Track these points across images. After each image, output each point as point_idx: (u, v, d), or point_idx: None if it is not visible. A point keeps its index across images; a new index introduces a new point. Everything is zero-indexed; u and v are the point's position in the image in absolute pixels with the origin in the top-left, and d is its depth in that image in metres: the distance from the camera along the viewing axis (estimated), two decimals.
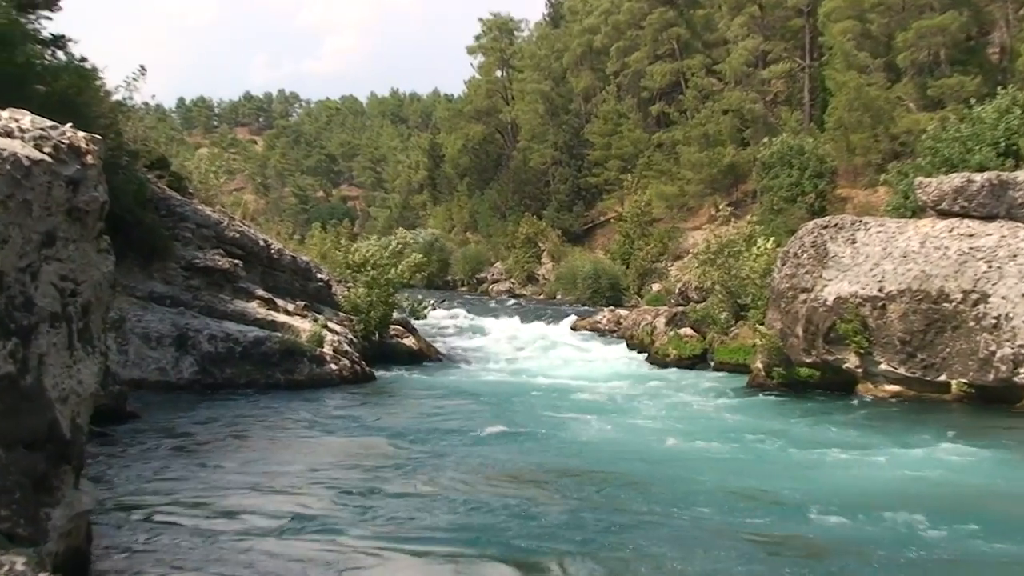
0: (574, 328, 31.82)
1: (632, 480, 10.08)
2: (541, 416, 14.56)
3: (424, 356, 22.78)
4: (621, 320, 30.19)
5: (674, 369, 21.89)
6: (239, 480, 9.61)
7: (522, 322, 32.77)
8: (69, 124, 5.86)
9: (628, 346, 26.08)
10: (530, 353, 25.28)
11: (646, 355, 24.07)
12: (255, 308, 18.91)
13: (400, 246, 23.28)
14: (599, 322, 31.67)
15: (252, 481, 9.57)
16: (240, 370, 16.95)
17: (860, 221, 18.29)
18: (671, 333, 23.81)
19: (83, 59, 16.80)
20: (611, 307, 36.62)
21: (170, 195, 19.84)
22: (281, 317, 19.05)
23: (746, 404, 16.69)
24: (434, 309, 29.86)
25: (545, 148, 64.06)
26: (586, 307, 42.05)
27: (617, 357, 24.39)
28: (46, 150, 5.50)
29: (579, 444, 12.31)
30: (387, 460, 10.87)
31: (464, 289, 59.13)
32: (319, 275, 22.69)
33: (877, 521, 8.59)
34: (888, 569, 7.28)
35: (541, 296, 51.66)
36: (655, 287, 39.87)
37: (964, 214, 17.11)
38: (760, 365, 18.60)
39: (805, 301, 17.55)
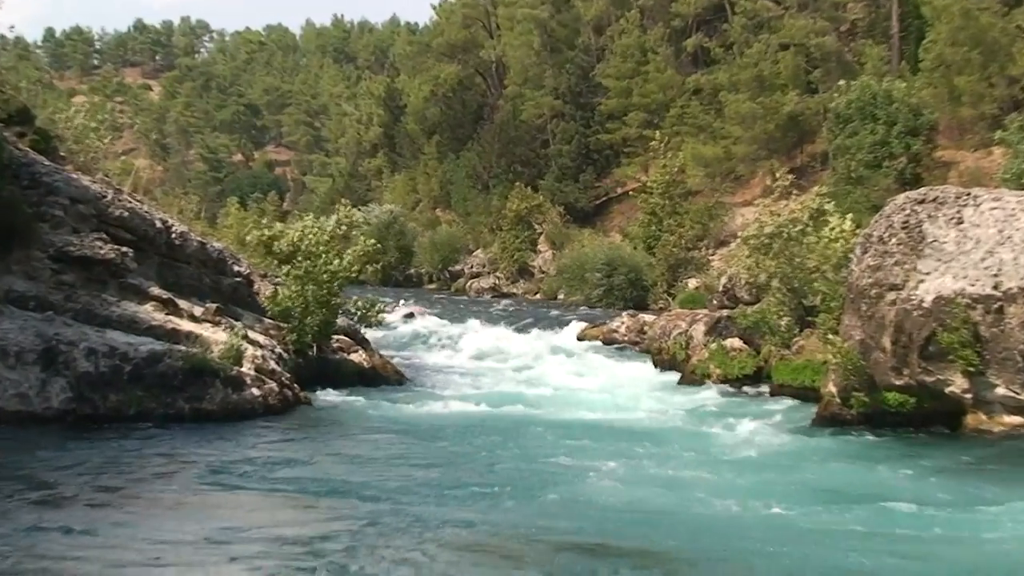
0: (581, 339, 31.42)
1: (677, 562, 9.71)
2: (538, 464, 14.37)
3: (378, 377, 22.64)
4: (645, 328, 29.88)
5: (716, 394, 21.75)
6: (110, 556, 9.25)
7: (512, 331, 32.37)
8: None
9: (654, 363, 25.84)
10: (522, 374, 24.80)
11: (679, 376, 23.70)
12: (150, 313, 18.69)
13: (345, 228, 22.91)
14: (615, 331, 31.39)
15: (127, 558, 9.26)
16: (129, 397, 16.68)
17: (968, 194, 18.23)
18: (713, 346, 23.60)
19: None
20: (631, 311, 36.23)
21: (34, 160, 19.60)
22: (186, 325, 18.87)
23: (815, 446, 16.52)
24: (390, 313, 29.71)
25: (542, 96, 63.79)
26: (597, 310, 41.43)
27: (640, 378, 24.05)
28: None
29: (595, 508, 11.95)
30: (317, 529, 10.53)
31: (433, 286, 57.95)
32: (237, 268, 22.52)
33: None
34: None
35: (537, 295, 51.85)
36: (691, 283, 40.11)
37: None
38: (833, 389, 18.50)
39: (894, 302, 17.44)
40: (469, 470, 13.54)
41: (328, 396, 20.12)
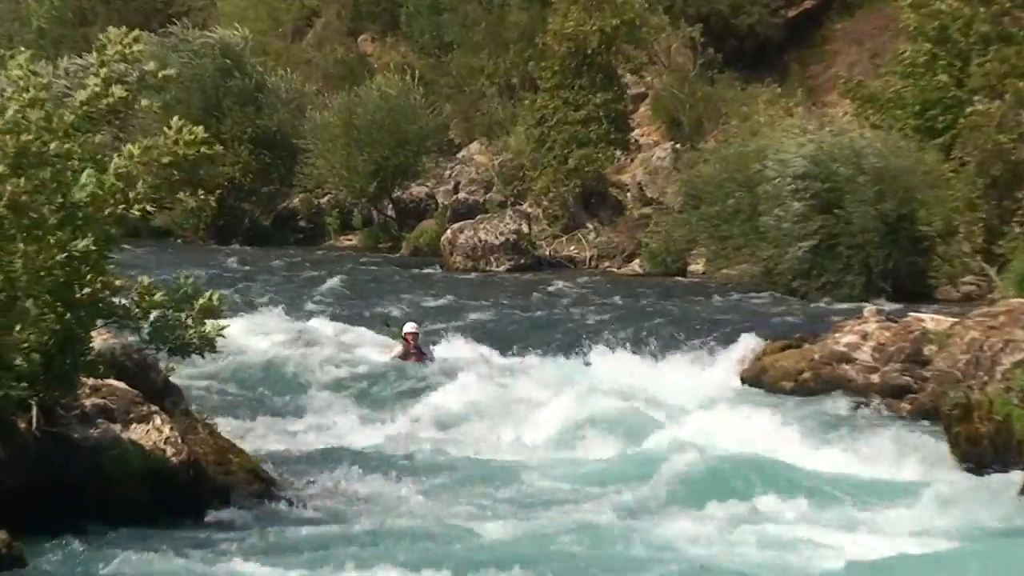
0: (751, 381, 19.80)
1: None
2: None
3: (202, 488, 13.99)
4: (924, 349, 18.79)
5: None
6: None
7: (570, 357, 20.76)
8: None
9: (953, 444, 14.96)
10: (612, 484, 14.38)
11: None
12: None
13: (116, 94, 12.26)
14: (842, 355, 19.29)
15: None
16: None
17: None
18: None
19: None
20: (879, 303, 21.85)
21: None
22: None
23: None
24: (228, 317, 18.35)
25: None
26: (792, 304, 24.99)
27: (928, 495, 13.68)
28: None
29: None
30: None
31: (353, 241, 40.80)
32: None
33: None
34: None
35: (632, 266, 34.20)
36: None
37: None
38: None
39: None
40: None
41: (71, 547, 11.26)
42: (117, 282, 12.43)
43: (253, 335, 22.31)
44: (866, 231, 25.37)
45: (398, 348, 20.61)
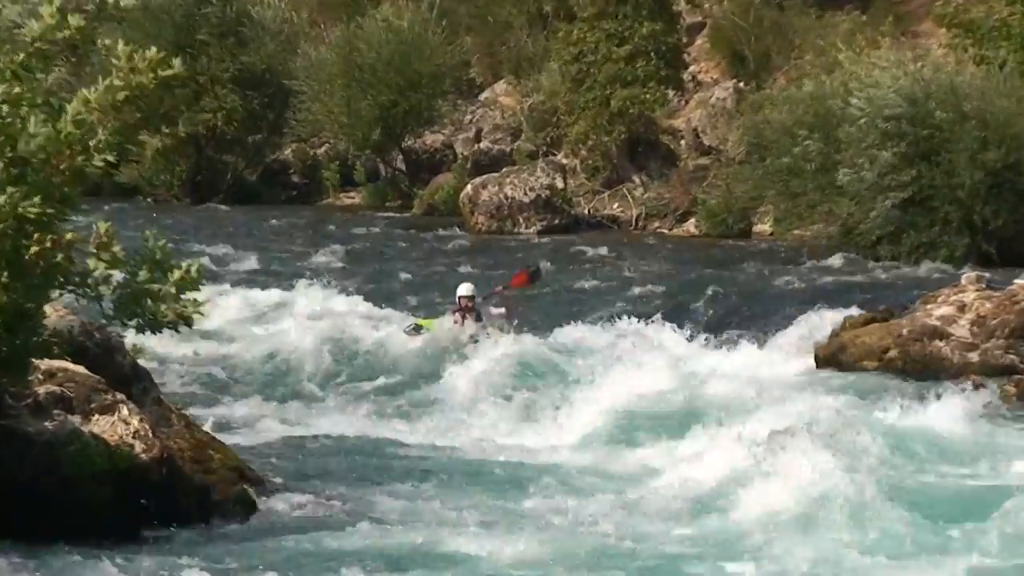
0: (823, 360, 20.29)
1: None
2: None
3: (180, 493, 14.05)
4: None
5: None
6: None
7: (612, 336, 20.77)
8: None
9: None
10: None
11: None
12: None
13: (62, 15, 12.61)
14: (936, 330, 19.99)
15: None
16: None
17: None
18: None
19: None
20: (980, 271, 21.67)
21: None
22: None
23: None
24: (195, 284, 18.55)
25: None
26: (876, 270, 25.97)
27: None
28: None
29: None
30: None
31: (356, 199, 37.80)
32: None
33: None
34: None
35: (689, 227, 32.00)
36: None
37: None
38: None
39: None
40: None
41: (23, 556, 12.09)
42: (67, 236, 12.93)
43: (238, 311, 23.30)
44: (968, 184, 25.64)
45: (448, 319, 20.10)
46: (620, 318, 21.74)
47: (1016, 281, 20.41)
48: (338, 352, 20.97)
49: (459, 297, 20.31)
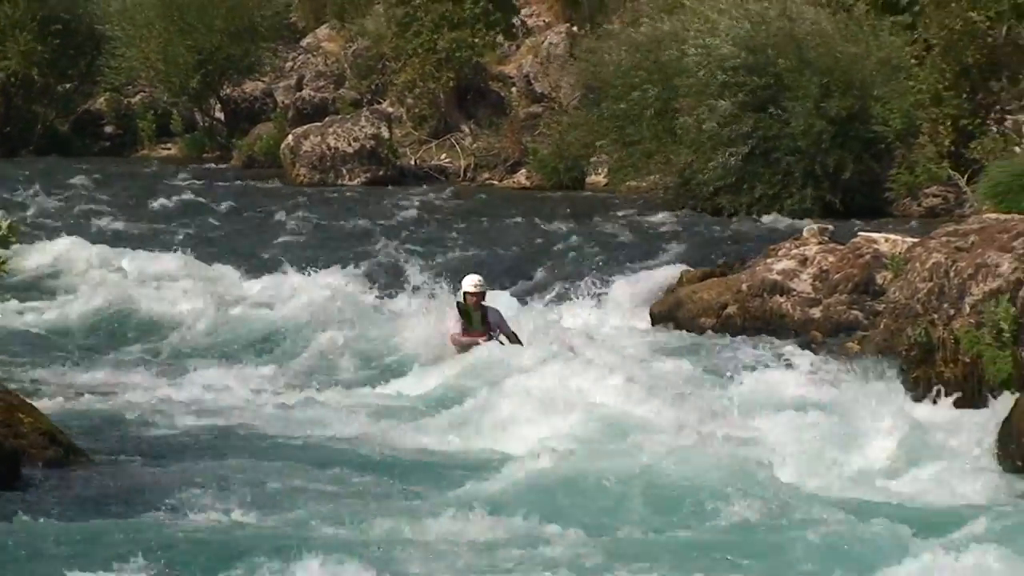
0: (658, 317, 20.42)
1: None
2: None
3: None
4: (877, 276, 19.90)
5: None
6: None
7: (434, 295, 19.64)
8: None
9: (910, 391, 16.66)
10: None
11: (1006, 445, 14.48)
12: None
13: None
14: (777, 283, 20.23)
15: None
16: None
17: None
18: None
19: None
20: (822, 223, 21.95)
21: None
22: None
23: None
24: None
25: None
26: (711, 224, 25.76)
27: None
28: None
29: None
30: None
31: (215, 159, 37.07)
32: None
33: None
34: None
35: (520, 179, 32.09)
36: None
37: None
38: None
39: None
40: None
41: None
42: None
43: (56, 270, 23.40)
44: (810, 133, 25.43)
45: (451, 318, 17.47)
46: (438, 281, 20.44)
47: (860, 233, 20.46)
48: (161, 314, 21.09)
49: (465, 293, 17.47)
